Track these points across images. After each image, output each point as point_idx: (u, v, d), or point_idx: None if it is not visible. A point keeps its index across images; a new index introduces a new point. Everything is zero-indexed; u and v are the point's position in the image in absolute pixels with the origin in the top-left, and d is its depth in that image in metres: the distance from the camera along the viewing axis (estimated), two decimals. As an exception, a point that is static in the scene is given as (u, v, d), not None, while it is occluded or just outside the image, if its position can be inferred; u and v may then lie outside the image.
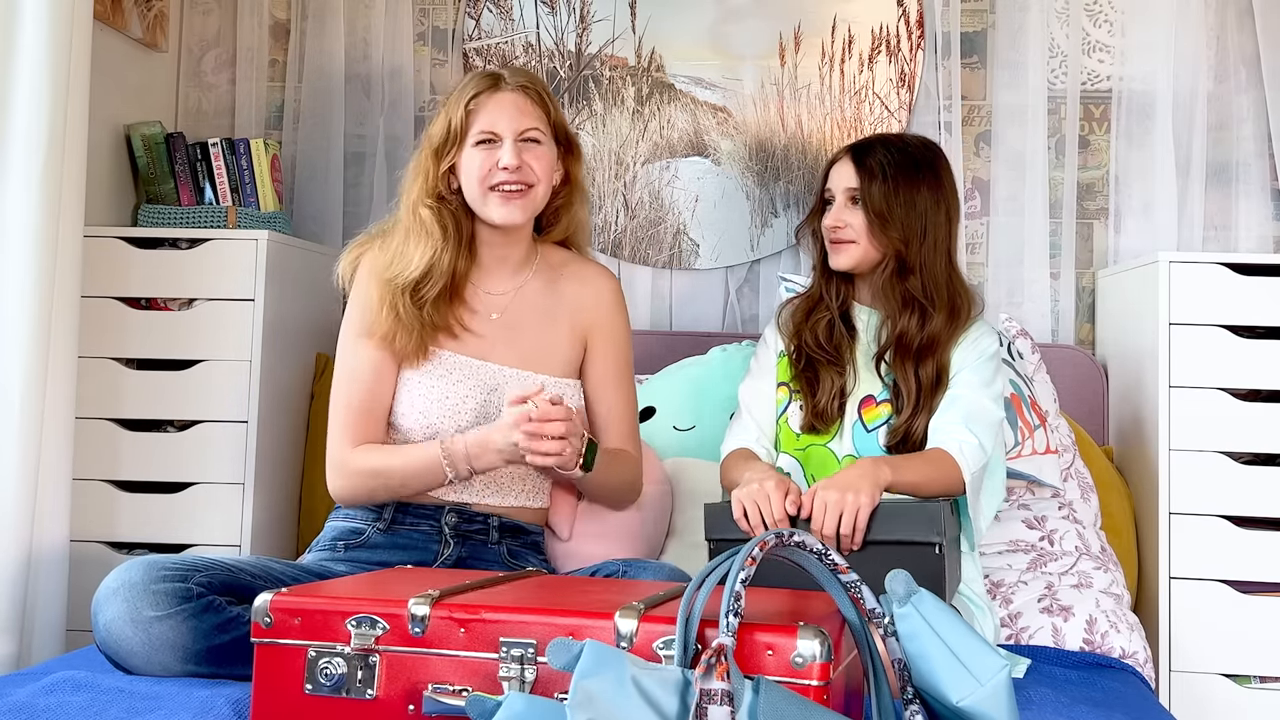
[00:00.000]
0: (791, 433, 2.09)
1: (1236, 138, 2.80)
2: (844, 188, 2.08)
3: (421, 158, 2.01)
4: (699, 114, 2.95)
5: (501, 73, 2.01)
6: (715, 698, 1.12)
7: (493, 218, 1.97)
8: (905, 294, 2.05)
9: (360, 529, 1.98)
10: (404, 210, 2.02)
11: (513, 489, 2.01)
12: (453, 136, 1.97)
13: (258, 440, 2.52)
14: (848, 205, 2.07)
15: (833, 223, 2.08)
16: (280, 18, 3.03)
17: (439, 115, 2.01)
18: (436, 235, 1.97)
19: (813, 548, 1.30)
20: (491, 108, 1.96)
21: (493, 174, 1.94)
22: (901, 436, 2.00)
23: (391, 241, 2.02)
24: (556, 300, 2.07)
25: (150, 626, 1.62)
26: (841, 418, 2.06)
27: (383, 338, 1.97)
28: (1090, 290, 2.86)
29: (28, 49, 2.11)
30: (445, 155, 1.97)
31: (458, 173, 1.99)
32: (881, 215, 2.03)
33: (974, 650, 1.31)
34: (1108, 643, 2.12)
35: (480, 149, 1.96)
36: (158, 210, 2.70)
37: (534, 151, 1.97)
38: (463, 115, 1.96)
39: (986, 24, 2.90)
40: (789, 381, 2.11)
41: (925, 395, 2.00)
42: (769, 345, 2.18)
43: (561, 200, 2.08)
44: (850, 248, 2.07)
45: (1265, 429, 2.34)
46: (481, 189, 1.96)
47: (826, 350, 2.08)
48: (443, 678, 1.33)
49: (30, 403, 2.12)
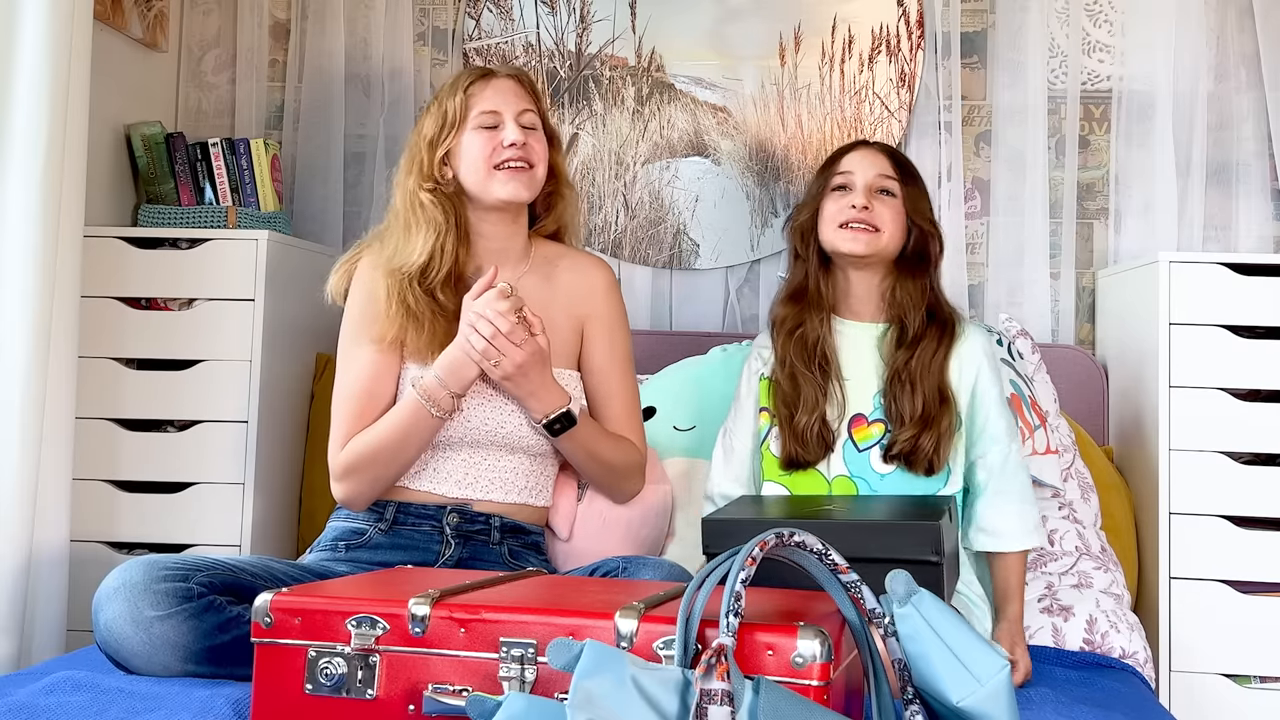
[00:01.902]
0: (774, 459, 2.05)
1: (1236, 138, 2.80)
2: (875, 174, 2.04)
3: (414, 151, 2.04)
4: (699, 114, 2.95)
5: (492, 66, 2.08)
6: (715, 698, 1.12)
7: (499, 195, 1.98)
8: (923, 290, 2.04)
9: (362, 529, 1.98)
10: (401, 201, 2.03)
11: (515, 485, 2.01)
12: (451, 122, 1.99)
13: (258, 440, 2.52)
14: (876, 193, 2.03)
15: (862, 204, 2.00)
16: (280, 18, 3.03)
17: (429, 112, 2.04)
18: (439, 220, 1.99)
19: (813, 548, 1.30)
20: (490, 92, 2.01)
21: (498, 152, 1.97)
22: (907, 454, 1.97)
23: (389, 238, 2.03)
24: (553, 292, 2.08)
25: (151, 626, 1.62)
26: (826, 451, 2.01)
27: (394, 340, 1.97)
28: (1090, 290, 2.86)
29: (28, 49, 2.11)
30: (441, 143, 2.00)
31: (453, 160, 2.01)
32: (919, 201, 2.04)
33: (974, 650, 1.31)
34: (1108, 643, 2.12)
35: (480, 132, 1.99)
36: (158, 210, 2.70)
37: (532, 134, 2.01)
38: (461, 99, 1.99)
39: (986, 24, 2.90)
40: (770, 406, 2.08)
41: (930, 410, 1.98)
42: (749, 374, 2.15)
43: (551, 190, 2.11)
44: (873, 235, 2.00)
45: (1265, 429, 2.34)
46: (486, 169, 1.98)
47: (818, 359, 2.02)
48: (443, 678, 1.33)
49: (30, 403, 2.12)
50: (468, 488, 1.98)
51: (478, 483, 1.99)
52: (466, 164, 1.99)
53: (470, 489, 1.98)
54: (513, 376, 1.89)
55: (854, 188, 2.04)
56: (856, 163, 2.06)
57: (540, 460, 2.04)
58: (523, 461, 2.01)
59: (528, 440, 2.00)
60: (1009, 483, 2.01)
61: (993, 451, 2.01)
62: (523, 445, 2.00)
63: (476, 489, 1.99)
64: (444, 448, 1.98)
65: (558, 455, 2.06)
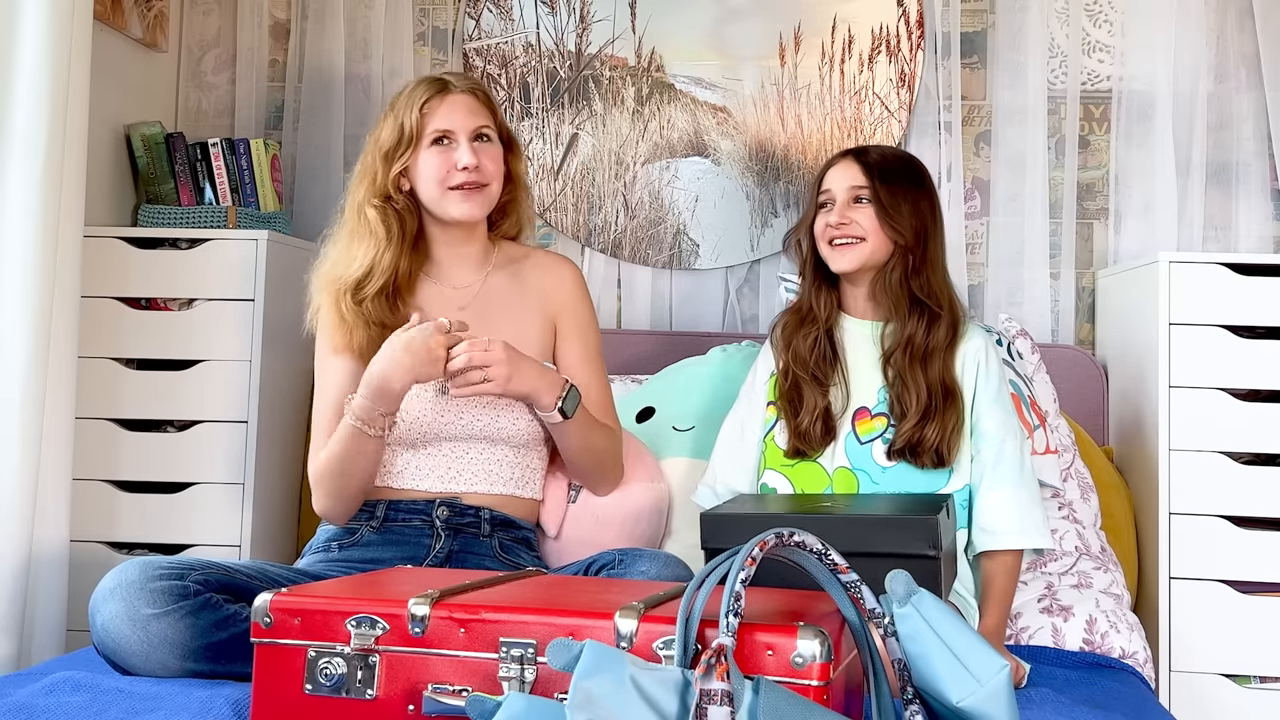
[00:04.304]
0: (778, 449, 2.09)
1: (1236, 138, 2.80)
2: (847, 186, 2.07)
3: (369, 161, 2.05)
4: (699, 114, 2.95)
5: (448, 78, 2.06)
6: (715, 698, 1.12)
7: (453, 214, 2.02)
8: (913, 295, 2.05)
9: (353, 527, 1.99)
10: (349, 211, 2.07)
11: (500, 476, 2.02)
12: (407, 139, 2.01)
13: (257, 440, 2.52)
14: (851, 204, 2.07)
15: (837, 220, 2.06)
16: (280, 18, 3.03)
17: (386, 120, 2.05)
18: (380, 234, 2.01)
19: (812, 547, 1.30)
20: (445, 109, 2.02)
21: (451, 175, 2.00)
22: (911, 446, 1.99)
23: (333, 245, 2.08)
24: (522, 289, 2.11)
25: (148, 625, 1.62)
26: (829, 439, 2.04)
27: (344, 346, 2.01)
28: (1090, 290, 2.86)
29: (28, 49, 2.12)
30: (398, 158, 2.02)
31: (411, 175, 2.03)
32: (892, 207, 2.04)
33: (974, 650, 1.31)
34: (1108, 643, 2.12)
35: (436, 150, 2.01)
36: (158, 210, 2.70)
37: (487, 150, 2.03)
38: (417, 117, 2.01)
39: (986, 24, 2.90)
40: (777, 401, 2.12)
41: (934, 403, 2.00)
42: (760, 369, 2.19)
43: (508, 196, 2.13)
44: (858, 246, 2.05)
45: (1265, 429, 2.34)
46: (441, 189, 2.01)
47: (812, 367, 2.06)
48: (443, 678, 1.33)
49: (30, 403, 2.12)
50: (453, 481, 2.00)
51: (462, 475, 2.00)
52: (423, 181, 2.02)
53: (456, 482, 2.00)
54: (512, 378, 1.90)
55: (833, 203, 2.09)
56: (834, 179, 2.10)
57: (525, 451, 2.04)
58: (507, 453, 2.02)
59: (509, 431, 2.01)
60: (1001, 479, 2.01)
61: (985, 447, 2.03)
62: (505, 436, 2.01)
63: (462, 482, 2.00)
64: (428, 444, 2.00)
65: (543, 446, 2.08)
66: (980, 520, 2.01)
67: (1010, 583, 1.99)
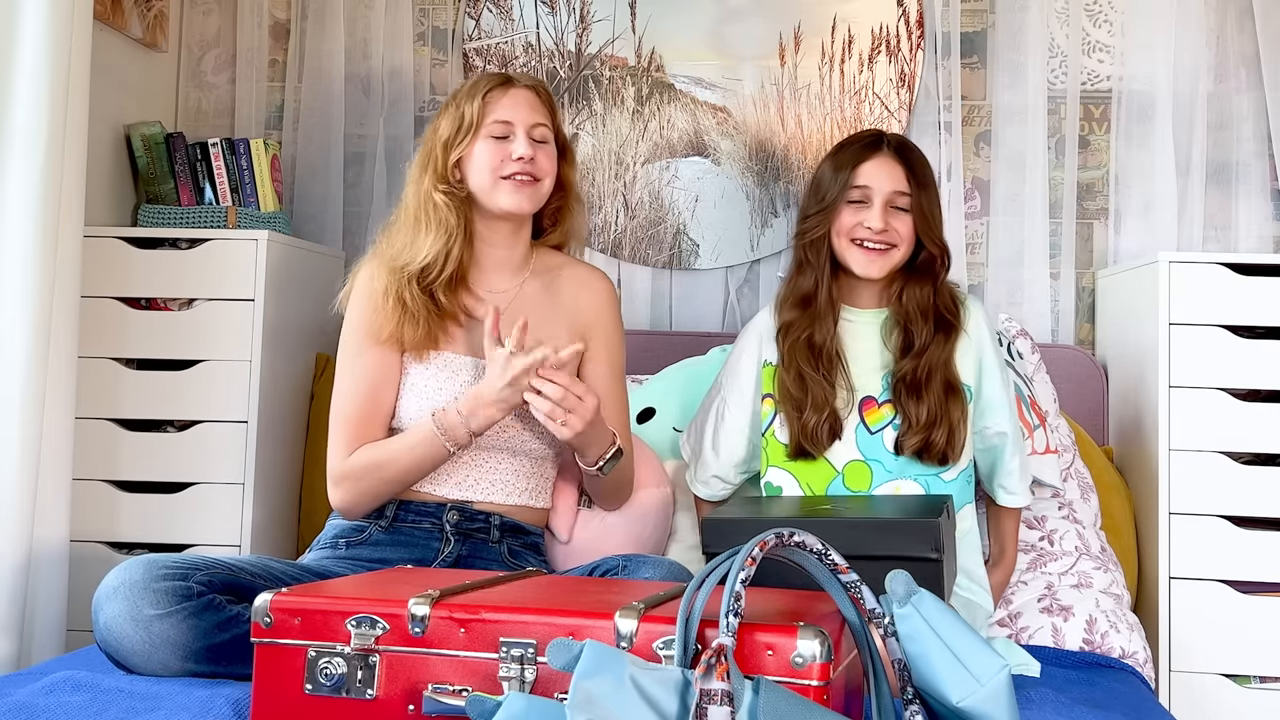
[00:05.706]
0: (780, 446, 2.05)
1: (1236, 138, 2.80)
2: (889, 190, 2.01)
3: (430, 149, 2.04)
4: (699, 114, 2.95)
5: (511, 74, 2.07)
6: (715, 698, 1.12)
7: (503, 205, 2.00)
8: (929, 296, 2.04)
9: (362, 526, 1.98)
10: (414, 199, 2.04)
11: (515, 487, 2.01)
12: (466, 127, 2.00)
13: (258, 440, 2.52)
14: (890, 210, 2.01)
15: (880, 225, 1.99)
16: (280, 18, 3.03)
17: (447, 110, 2.04)
18: (450, 222, 2.00)
19: (812, 548, 1.30)
20: (507, 101, 2.02)
21: (505, 164, 1.99)
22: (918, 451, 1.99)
23: (395, 233, 2.05)
24: (555, 301, 2.09)
25: (150, 625, 1.62)
26: (835, 440, 2.02)
27: (390, 336, 1.98)
28: (1090, 290, 2.86)
29: (28, 49, 2.11)
30: (456, 146, 2.01)
31: (464, 166, 2.02)
32: (931, 216, 2.03)
33: (974, 650, 1.31)
34: (1108, 643, 2.12)
35: (492, 142, 2.00)
36: (158, 210, 2.70)
37: (543, 149, 2.03)
38: (479, 106, 2.00)
39: (986, 24, 2.90)
40: (774, 393, 2.07)
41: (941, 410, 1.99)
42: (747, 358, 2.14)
43: (559, 203, 2.12)
44: (889, 254, 2.01)
45: (1265, 429, 2.34)
46: (493, 178, 1.99)
47: (822, 363, 2.02)
48: (443, 678, 1.33)
49: (30, 403, 2.12)
50: (469, 489, 1.99)
51: (479, 484, 1.99)
52: (475, 171, 2.01)
53: (471, 490, 1.99)
54: (582, 432, 1.88)
55: (871, 203, 2.01)
56: (874, 175, 2.02)
57: (540, 462, 2.04)
58: (524, 464, 2.02)
59: (529, 444, 2.00)
60: (1015, 446, 2.12)
61: (1003, 416, 2.10)
62: (524, 449, 2.00)
63: (477, 490, 1.99)
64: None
65: (557, 457, 2.07)
66: (1004, 482, 2.15)
67: (1018, 526, 2.23)
